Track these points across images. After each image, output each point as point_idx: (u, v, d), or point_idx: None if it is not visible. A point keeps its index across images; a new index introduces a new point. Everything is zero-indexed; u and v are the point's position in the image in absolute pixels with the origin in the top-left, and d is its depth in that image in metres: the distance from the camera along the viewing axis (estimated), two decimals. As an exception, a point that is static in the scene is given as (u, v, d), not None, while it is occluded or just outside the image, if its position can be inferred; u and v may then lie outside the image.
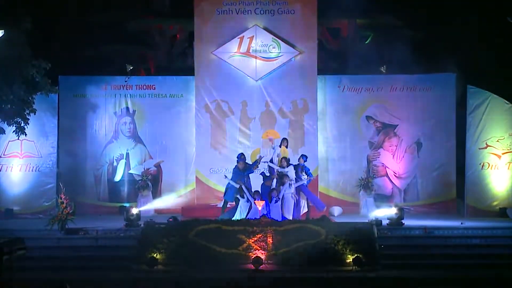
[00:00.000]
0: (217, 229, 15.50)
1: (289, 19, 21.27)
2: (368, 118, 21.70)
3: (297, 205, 17.56)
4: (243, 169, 17.91)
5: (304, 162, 18.14)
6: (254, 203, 16.62)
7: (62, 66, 20.31)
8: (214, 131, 21.45)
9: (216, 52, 21.21)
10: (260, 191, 17.26)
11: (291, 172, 17.75)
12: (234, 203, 17.90)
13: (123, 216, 17.40)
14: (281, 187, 17.19)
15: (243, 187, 16.99)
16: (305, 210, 18.07)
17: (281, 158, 17.84)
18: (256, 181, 18.26)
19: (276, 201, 16.88)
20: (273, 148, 18.41)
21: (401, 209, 17.13)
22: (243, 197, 17.05)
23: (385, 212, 17.19)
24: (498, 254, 15.63)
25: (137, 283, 14.06)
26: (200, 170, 21.26)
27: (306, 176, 18.03)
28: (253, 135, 21.36)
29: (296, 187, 17.58)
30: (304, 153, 18.91)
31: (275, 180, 17.66)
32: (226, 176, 17.99)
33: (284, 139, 18.89)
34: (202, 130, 21.40)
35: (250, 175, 18.14)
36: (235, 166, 18.19)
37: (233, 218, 16.72)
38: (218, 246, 15.06)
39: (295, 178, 17.73)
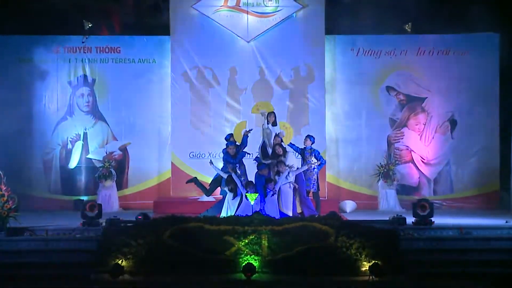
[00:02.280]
0: (198, 229, 15.37)
1: (289, -36, 21.30)
2: (389, 89, 21.75)
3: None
4: (234, 154, 17.69)
5: (312, 144, 17.99)
6: (245, 196, 16.49)
7: (1, 23, 20.10)
8: (195, 106, 21.48)
9: (198, 5, 21.22)
10: (254, 182, 17.12)
11: (291, 158, 17.57)
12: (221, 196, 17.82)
13: (79, 212, 17.26)
14: (277, 177, 17.03)
15: (234, 176, 16.83)
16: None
17: (275, 146, 17.60)
18: (250, 170, 18.14)
19: (272, 194, 16.77)
20: (267, 127, 18.14)
21: (430, 204, 17.04)
22: (231, 190, 16.91)
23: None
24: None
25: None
26: (177, 155, 21.30)
27: (316, 160, 17.88)
28: (243, 110, 21.45)
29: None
30: (309, 133, 18.68)
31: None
32: (211, 162, 17.80)
33: (270, 113, 18.37)
34: (180, 104, 21.42)
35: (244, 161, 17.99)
36: (224, 151, 17.97)
37: (220, 216, 16.62)
38: (200, 250, 14.97)
39: (302, 165, 17.64)
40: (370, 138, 21.72)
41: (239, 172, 17.32)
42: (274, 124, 18.14)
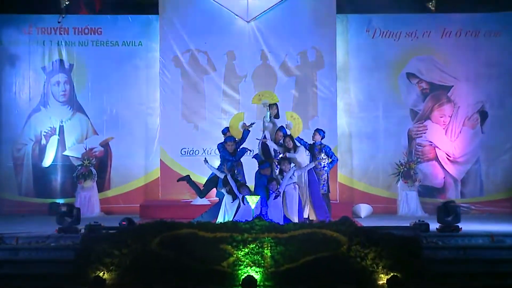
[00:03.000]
0: (191, 237, 15.34)
1: None
2: (409, 76, 21.80)
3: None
4: (234, 151, 17.62)
5: (322, 138, 17.93)
6: (244, 199, 16.44)
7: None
8: (187, 95, 21.53)
9: (190, -20, 21.21)
10: (254, 182, 17.08)
11: (301, 155, 17.48)
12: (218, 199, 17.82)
13: (54, 217, 17.24)
14: (280, 177, 16.94)
15: (229, 177, 16.79)
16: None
17: (286, 137, 17.54)
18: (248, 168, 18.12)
19: (276, 197, 16.73)
20: (270, 120, 18.07)
21: (457, 208, 17.01)
22: (229, 192, 16.87)
23: None
24: None
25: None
26: (167, 151, 21.32)
27: (326, 158, 17.81)
28: (243, 100, 21.42)
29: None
30: (318, 127, 18.60)
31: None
32: (206, 161, 17.74)
33: (272, 105, 18.16)
34: (170, 93, 21.47)
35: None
36: (222, 148, 17.83)
37: (216, 221, 16.61)
38: (193, 260, 14.95)
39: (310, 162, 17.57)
40: (388, 132, 21.75)
41: (235, 171, 17.30)
42: (277, 116, 18.08)
